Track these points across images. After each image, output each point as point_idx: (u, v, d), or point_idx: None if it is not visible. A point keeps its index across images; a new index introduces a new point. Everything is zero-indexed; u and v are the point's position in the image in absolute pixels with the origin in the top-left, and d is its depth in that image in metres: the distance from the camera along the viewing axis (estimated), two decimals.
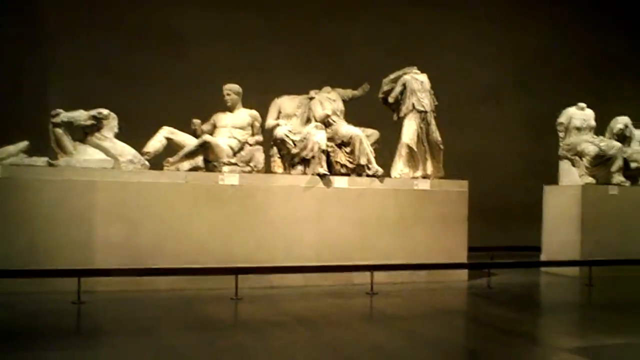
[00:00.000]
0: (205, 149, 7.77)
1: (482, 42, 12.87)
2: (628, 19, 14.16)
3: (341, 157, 8.31)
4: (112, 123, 7.51)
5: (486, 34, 12.92)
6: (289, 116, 8.63)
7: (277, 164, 8.34)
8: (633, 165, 9.82)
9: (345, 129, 8.38)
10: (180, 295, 6.85)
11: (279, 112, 8.68)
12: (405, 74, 8.77)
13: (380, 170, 8.24)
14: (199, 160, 7.82)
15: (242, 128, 8.20)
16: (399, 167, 8.54)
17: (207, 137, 7.82)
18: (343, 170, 8.26)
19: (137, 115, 8.45)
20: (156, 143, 7.75)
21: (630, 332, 5.44)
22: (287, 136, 8.16)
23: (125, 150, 7.44)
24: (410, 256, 8.01)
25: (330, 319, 5.93)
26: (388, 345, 4.95)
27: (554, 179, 10.04)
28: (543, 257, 9.72)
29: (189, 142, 7.81)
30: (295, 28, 11.49)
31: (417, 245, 8.18)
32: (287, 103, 8.73)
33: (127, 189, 7.14)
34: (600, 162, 9.51)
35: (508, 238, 11.05)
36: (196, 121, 8.12)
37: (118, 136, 7.53)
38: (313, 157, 8.02)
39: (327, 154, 8.18)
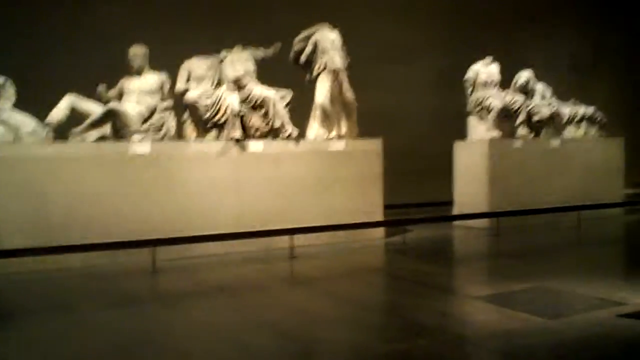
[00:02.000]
0: (112, 117, 7.52)
1: (397, 1, 13.03)
2: None
3: (255, 120, 8.26)
4: (9, 92, 7.12)
5: None
6: (200, 78, 8.44)
7: (190, 129, 8.21)
8: (535, 118, 10.38)
9: (259, 90, 8.30)
10: (95, 271, 6.69)
11: (189, 75, 8.47)
12: (316, 32, 8.78)
13: (295, 132, 8.28)
14: (107, 129, 7.56)
15: (151, 92, 7.97)
16: (314, 127, 8.62)
17: (113, 105, 7.56)
18: (258, 134, 8.24)
19: (37, 81, 8.01)
20: (59, 112, 7.37)
21: (535, 277, 5.87)
22: (199, 100, 8.03)
23: (26, 121, 7.09)
24: (328, 217, 8.17)
25: (251, 285, 6.03)
26: (310, 306, 5.11)
27: (464, 135, 10.48)
28: (455, 210, 10.19)
29: (95, 110, 7.52)
30: None
31: (335, 206, 8.36)
32: (197, 65, 8.52)
33: (30, 163, 6.82)
34: (506, 116, 10.01)
35: (422, 194, 11.49)
36: (101, 87, 7.82)
37: (17, 105, 7.15)
38: (227, 121, 7.94)
39: (240, 117, 8.11)
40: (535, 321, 4.43)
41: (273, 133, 8.25)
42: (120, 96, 7.96)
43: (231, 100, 7.97)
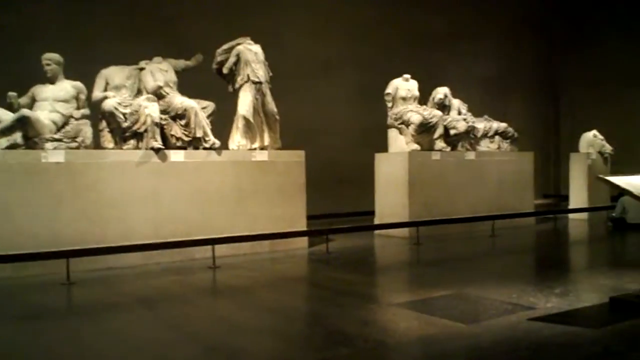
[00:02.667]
0: (23, 124, 7.15)
1: (318, 17, 13.18)
2: None
3: (176, 130, 8.11)
4: None
5: (322, 10, 13.24)
6: (118, 88, 8.21)
7: (107, 138, 7.95)
8: (452, 132, 10.74)
9: (180, 100, 8.18)
10: (5, 284, 6.33)
11: (107, 84, 8.22)
12: (238, 44, 8.74)
13: (217, 143, 8.19)
14: (17, 136, 7.18)
15: (65, 101, 7.67)
16: (237, 138, 8.56)
17: (25, 112, 7.20)
18: (179, 144, 8.08)
19: None
20: None
21: (453, 284, 6.03)
22: (117, 109, 7.80)
23: None
24: (251, 227, 8.11)
25: (171, 296, 5.87)
26: (232, 316, 5.02)
27: (384, 147, 10.68)
28: (376, 220, 10.35)
29: (5, 117, 7.15)
30: None
31: (257, 216, 8.30)
32: (115, 74, 8.28)
33: None
34: (424, 130, 10.28)
35: (345, 204, 11.64)
36: (11, 94, 7.45)
37: None
38: (146, 130, 7.75)
39: (161, 127, 7.94)
40: (453, 326, 4.54)
41: (194, 143, 8.12)
42: (32, 104, 7.60)
43: (151, 110, 7.79)
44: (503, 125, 11.72)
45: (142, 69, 8.35)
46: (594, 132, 13.17)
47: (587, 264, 8.12)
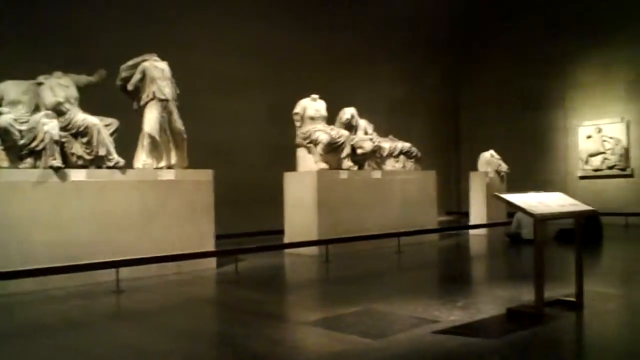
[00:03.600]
0: None
1: (230, 36, 13.13)
2: (355, 21, 15.75)
3: (77, 148, 7.79)
4: None
5: (234, 29, 13.21)
6: (14, 103, 7.77)
7: (2, 157, 7.50)
8: (359, 151, 10.99)
9: (81, 117, 7.87)
10: None
11: (2, 99, 7.79)
12: (144, 60, 8.56)
13: (122, 161, 7.94)
14: None
15: None
16: (142, 157, 8.34)
17: None
18: (80, 162, 7.76)
19: None
20: None
21: (361, 300, 6.14)
22: (12, 125, 7.38)
23: None
24: (158, 249, 7.89)
25: (74, 322, 5.59)
26: (138, 341, 4.85)
27: (293, 166, 10.75)
28: (286, 239, 10.37)
29: None
30: (22, 9, 10.41)
31: (164, 238, 8.10)
32: (10, 88, 7.85)
33: None
34: (332, 149, 10.44)
35: (254, 223, 11.57)
36: None
37: None
38: (44, 148, 7.39)
39: (60, 144, 7.60)
40: (362, 342, 4.61)
41: (97, 162, 7.83)
42: None
43: (50, 127, 7.44)
44: (407, 145, 12.12)
45: (40, 83, 7.97)
46: (491, 152, 13.93)
47: (486, 277, 8.51)
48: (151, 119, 8.36)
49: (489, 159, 13.83)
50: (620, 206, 14.74)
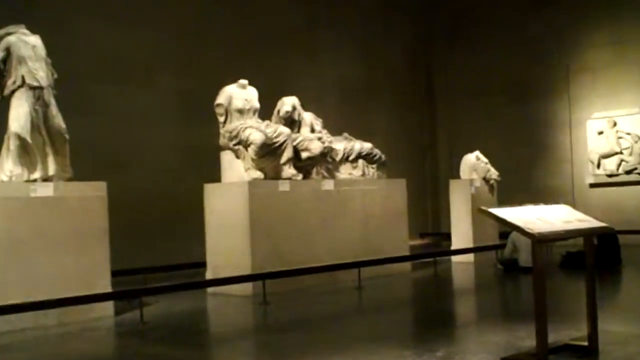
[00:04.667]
0: None
1: (127, 5, 12.95)
2: None
3: None
4: None
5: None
6: None
7: None
8: (304, 154, 10.96)
9: None
10: None
11: None
12: (8, 34, 8.38)
13: None
14: None
15: None
16: (8, 166, 8.13)
17: None
18: None
19: None
20: None
21: (310, 354, 6.13)
22: None
23: None
24: (31, 291, 7.68)
25: None
26: None
27: (217, 176, 10.67)
28: (209, 274, 10.28)
29: None
30: None
31: (39, 275, 7.89)
32: None
33: None
34: (268, 152, 10.38)
35: (167, 254, 11.41)
36: None
37: None
38: None
39: None
40: None
41: None
42: None
43: None
44: (368, 145, 12.20)
45: None
46: (477, 153, 14.20)
47: (474, 318, 8.64)
48: (20, 114, 8.17)
49: (475, 163, 14.09)
50: None
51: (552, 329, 5.57)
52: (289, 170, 10.61)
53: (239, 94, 10.66)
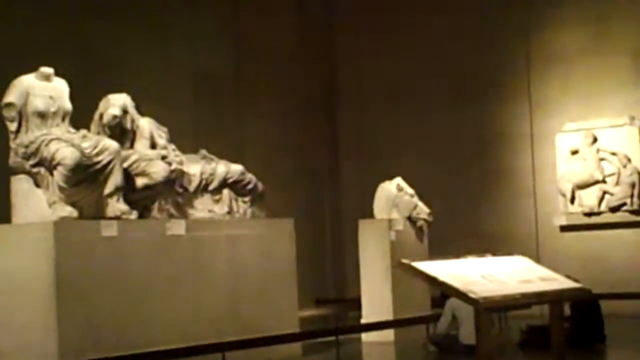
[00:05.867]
0: None
1: None
2: None
3: None
4: None
5: None
6: None
7: None
8: (141, 181, 10.76)
9: None
10: None
11: None
12: None
13: None
14: None
15: None
16: None
17: None
18: None
19: None
20: None
21: None
22: None
23: None
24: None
25: None
26: None
27: (5, 211, 10.37)
28: None
29: None
30: None
31: None
32: None
33: None
34: (85, 178, 10.13)
35: None
36: None
37: None
38: None
39: None
40: None
41: None
42: None
43: None
44: (237, 168, 12.13)
45: None
46: (398, 181, 14.24)
47: None
48: None
49: (395, 196, 14.16)
50: (634, 280, 15.39)
51: None
52: (117, 206, 10.41)
53: (40, 89, 10.42)
